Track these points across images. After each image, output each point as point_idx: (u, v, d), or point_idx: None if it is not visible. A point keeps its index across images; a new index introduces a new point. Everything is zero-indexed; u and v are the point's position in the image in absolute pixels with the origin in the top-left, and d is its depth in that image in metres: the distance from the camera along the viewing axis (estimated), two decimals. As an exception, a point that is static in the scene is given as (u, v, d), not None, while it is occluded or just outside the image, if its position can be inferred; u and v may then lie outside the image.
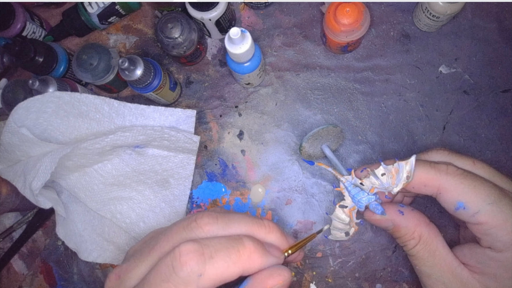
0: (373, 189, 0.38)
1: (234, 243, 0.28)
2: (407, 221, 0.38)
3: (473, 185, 0.34)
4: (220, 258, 0.27)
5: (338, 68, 0.52)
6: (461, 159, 0.38)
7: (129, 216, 0.51)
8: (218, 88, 0.54)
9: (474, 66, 0.50)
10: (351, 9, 0.44)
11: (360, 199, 0.39)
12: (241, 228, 0.31)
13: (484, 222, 0.34)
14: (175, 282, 0.27)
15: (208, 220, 0.30)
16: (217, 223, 0.30)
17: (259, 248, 0.29)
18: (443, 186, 0.35)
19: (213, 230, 0.30)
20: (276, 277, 0.29)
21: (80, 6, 0.52)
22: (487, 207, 0.33)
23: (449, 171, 0.35)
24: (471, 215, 0.34)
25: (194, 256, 0.27)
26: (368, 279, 0.49)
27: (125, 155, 0.51)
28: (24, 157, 0.48)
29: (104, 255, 0.51)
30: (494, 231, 0.34)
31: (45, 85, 0.46)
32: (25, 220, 0.55)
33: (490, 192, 0.34)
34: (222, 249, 0.28)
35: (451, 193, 0.35)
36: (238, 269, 0.28)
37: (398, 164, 0.37)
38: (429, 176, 0.36)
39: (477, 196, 0.34)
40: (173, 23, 0.47)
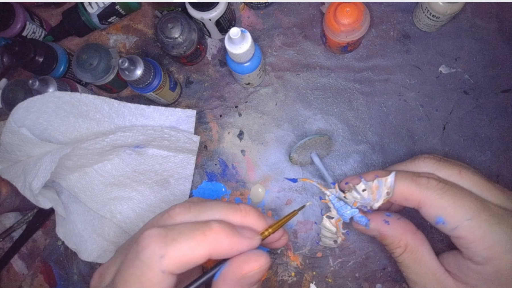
0: (356, 203, 0.39)
1: (199, 225, 0.28)
2: (393, 230, 0.38)
3: (453, 200, 0.34)
4: (183, 240, 0.27)
5: (338, 68, 0.52)
6: (447, 168, 0.38)
7: (129, 216, 0.51)
8: (218, 88, 0.54)
9: (474, 66, 0.50)
10: (351, 9, 0.44)
11: (344, 212, 0.40)
12: (215, 215, 0.31)
13: (462, 236, 0.34)
14: (138, 265, 0.26)
15: (180, 210, 0.30)
16: (190, 212, 0.30)
17: (227, 229, 0.28)
18: (423, 200, 0.35)
19: (185, 219, 0.30)
20: (252, 262, 0.29)
21: (80, 6, 0.52)
22: (466, 222, 0.34)
23: (430, 186, 0.35)
24: (450, 230, 0.35)
25: (156, 239, 0.27)
26: (368, 279, 0.49)
27: (125, 155, 0.51)
28: (24, 157, 0.48)
29: (104, 255, 0.51)
30: (472, 246, 0.34)
31: (45, 85, 0.46)
32: (25, 220, 0.55)
33: (470, 207, 0.34)
34: (186, 231, 0.27)
35: (431, 208, 0.35)
36: (204, 250, 0.27)
37: (378, 181, 0.37)
38: (409, 191, 0.36)
39: (456, 212, 0.34)
40: (173, 23, 0.47)
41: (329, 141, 0.48)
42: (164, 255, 0.26)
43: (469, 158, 0.49)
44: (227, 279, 0.29)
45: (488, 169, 0.49)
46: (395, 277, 0.48)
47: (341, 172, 0.51)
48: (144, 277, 0.26)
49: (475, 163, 0.49)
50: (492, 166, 0.49)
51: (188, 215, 0.30)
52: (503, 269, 0.33)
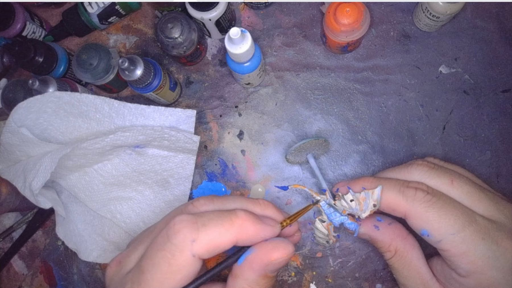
0: (344, 211, 0.40)
1: (227, 213, 0.30)
2: (383, 235, 0.39)
3: (438, 214, 0.35)
4: (212, 225, 0.28)
5: (338, 68, 0.52)
6: (439, 176, 0.38)
7: (129, 216, 0.51)
8: (218, 88, 0.54)
9: (474, 66, 0.50)
10: (351, 9, 0.44)
11: (334, 218, 0.41)
12: (236, 206, 0.32)
13: (446, 250, 0.35)
14: (169, 249, 0.27)
15: (204, 201, 0.32)
16: (213, 203, 0.32)
17: (252, 218, 0.30)
18: (409, 212, 0.36)
19: (209, 209, 0.32)
20: (281, 249, 0.30)
21: (80, 6, 0.52)
22: (450, 237, 0.34)
23: (416, 198, 0.36)
24: (435, 242, 0.35)
25: (188, 224, 0.28)
26: (368, 279, 0.49)
27: (125, 155, 0.51)
28: (24, 157, 0.48)
29: (104, 255, 0.51)
30: (455, 260, 0.35)
31: (45, 85, 0.46)
32: (25, 220, 0.55)
33: (455, 221, 0.34)
34: (215, 218, 0.29)
35: (416, 220, 0.36)
36: (231, 236, 0.29)
37: (365, 193, 0.38)
38: (396, 202, 0.37)
39: (441, 226, 0.35)
40: (173, 23, 0.47)
41: (325, 143, 0.48)
42: (196, 240, 0.27)
43: (469, 158, 0.49)
44: (253, 264, 0.30)
45: (488, 169, 0.49)
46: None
47: (341, 172, 0.51)
48: (174, 260, 0.27)
49: (475, 163, 0.49)
50: (492, 166, 0.49)
51: (212, 205, 0.32)
52: (485, 283, 0.34)
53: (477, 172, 0.49)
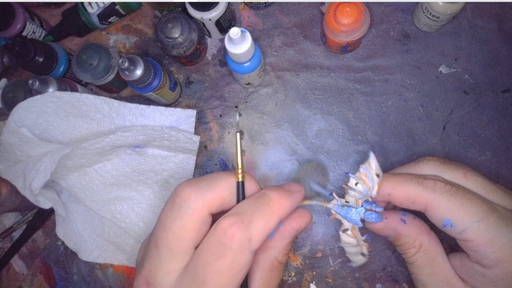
0: (358, 201, 0.38)
1: (262, 199, 0.30)
2: (409, 229, 0.37)
3: (460, 203, 0.34)
4: (258, 218, 0.29)
5: (338, 68, 0.52)
6: (452, 170, 0.37)
7: (129, 216, 0.51)
8: (218, 88, 0.54)
9: (474, 66, 0.50)
10: (351, 9, 0.44)
11: (351, 216, 0.38)
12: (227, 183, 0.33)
13: (471, 239, 0.34)
14: (230, 254, 0.28)
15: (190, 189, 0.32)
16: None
17: (283, 193, 0.31)
18: (430, 203, 0.35)
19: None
20: (306, 216, 0.34)
21: (80, 6, 0.52)
22: (474, 225, 0.33)
23: (437, 188, 0.35)
24: (458, 233, 0.34)
25: (237, 226, 0.28)
26: (368, 279, 0.49)
27: (125, 155, 0.51)
28: (24, 157, 0.48)
29: (104, 255, 0.51)
30: (481, 249, 0.34)
31: (45, 85, 0.46)
32: (25, 220, 0.55)
33: (478, 209, 0.34)
34: (256, 210, 0.29)
35: (438, 210, 0.35)
36: (276, 220, 0.30)
37: (363, 168, 0.37)
38: (416, 193, 0.36)
39: (464, 214, 0.34)
40: (173, 23, 0.47)
41: (321, 167, 0.47)
42: (251, 238, 0.28)
43: (469, 158, 0.49)
44: (285, 233, 0.33)
45: (488, 169, 0.49)
46: (395, 277, 0.48)
47: (341, 172, 0.51)
48: (236, 263, 0.28)
49: (475, 163, 0.49)
50: (492, 166, 0.49)
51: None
52: (511, 272, 0.33)
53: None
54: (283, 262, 0.34)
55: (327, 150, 0.51)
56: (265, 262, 0.33)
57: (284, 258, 0.34)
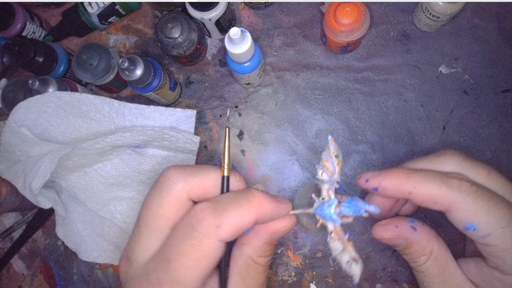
0: (329, 193, 0.34)
1: (243, 194, 0.30)
2: (420, 237, 0.35)
3: (487, 206, 0.32)
4: (233, 208, 0.29)
5: (338, 68, 0.52)
6: (476, 168, 0.35)
7: (129, 216, 0.51)
8: (218, 88, 0.54)
9: (474, 66, 0.50)
10: (351, 9, 0.44)
11: (325, 212, 0.33)
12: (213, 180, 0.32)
13: (494, 244, 0.33)
14: (195, 237, 0.28)
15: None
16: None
17: (268, 196, 0.31)
18: (455, 204, 0.33)
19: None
20: (287, 219, 0.32)
21: (80, 6, 0.52)
22: (499, 230, 0.32)
23: (462, 188, 0.33)
24: (482, 237, 0.33)
25: (209, 211, 0.28)
26: (368, 279, 0.49)
27: (125, 155, 0.51)
28: (24, 157, 0.48)
29: (104, 255, 0.51)
30: (503, 254, 0.32)
31: (45, 85, 0.46)
32: (25, 220, 0.54)
33: (505, 214, 0.32)
34: (233, 201, 0.29)
35: (463, 212, 0.33)
36: (252, 216, 0.29)
37: (324, 154, 0.35)
38: (440, 193, 0.33)
39: (490, 219, 0.32)
40: (173, 23, 0.47)
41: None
42: (220, 225, 0.28)
43: (469, 158, 0.49)
44: (260, 232, 0.32)
45: (488, 169, 0.49)
46: (395, 277, 0.48)
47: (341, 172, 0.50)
48: (202, 247, 0.28)
49: (475, 163, 0.49)
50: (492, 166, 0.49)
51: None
52: None
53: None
54: (261, 263, 0.32)
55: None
56: (239, 258, 0.32)
57: (261, 259, 0.32)
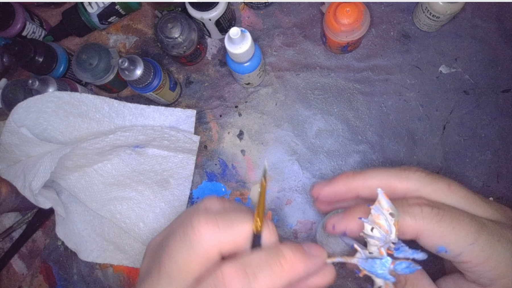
0: (380, 250, 0.32)
1: (274, 256, 0.28)
2: None
3: (452, 227, 0.33)
4: (263, 276, 0.27)
5: (338, 68, 0.52)
6: (437, 182, 0.36)
7: (129, 216, 0.51)
8: (218, 88, 0.54)
9: (474, 66, 0.50)
10: (351, 9, 0.44)
11: (377, 269, 0.32)
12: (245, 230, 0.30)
13: (468, 261, 0.33)
14: None
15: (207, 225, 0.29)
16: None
17: (299, 255, 0.29)
18: (422, 232, 0.33)
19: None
20: (318, 277, 0.30)
21: (80, 6, 0.52)
22: (469, 248, 0.32)
23: (425, 215, 0.33)
24: (454, 257, 0.33)
25: (238, 278, 0.26)
26: (368, 279, 0.49)
27: (125, 155, 0.51)
28: (24, 157, 0.48)
29: (104, 255, 0.51)
30: (477, 269, 0.33)
31: (45, 85, 0.46)
32: (25, 220, 0.54)
33: (469, 230, 0.33)
34: (263, 265, 0.27)
35: (431, 238, 0.33)
36: (283, 281, 0.28)
37: (374, 208, 0.32)
38: (404, 223, 0.33)
39: (458, 239, 0.33)
40: (173, 23, 0.47)
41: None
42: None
43: (469, 158, 0.49)
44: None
45: (488, 169, 0.49)
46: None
47: (341, 172, 0.51)
48: None
49: (475, 163, 0.49)
50: (492, 166, 0.49)
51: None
52: (510, 286, 0.33)
53: (477, 172, 0.49)
54: None
55: (327, 150, 0.51)
56: None
57: None
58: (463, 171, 0.49)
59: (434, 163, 0.49)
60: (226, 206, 0.31)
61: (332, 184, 0.37)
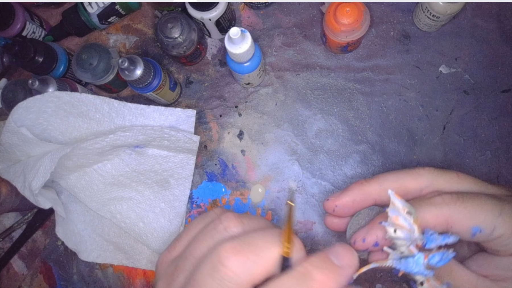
0: (410, 249, 0.33)
1: (304, 281, 0.26)
2: None
3: (476, 204, 0.33)
4: None
5: (338, 68, 0.52)
6: (446, 174, 0.36)
7: (129, 216, 0.51)
8: (218, 88, 0.54)
9: (474, 66, 0.50)
10: (351, 9, 0.44)
11: (413, 268, 0.33)
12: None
13: (502, 234, 0.33)
14: None
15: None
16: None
17: (329, 272, 0.27)
18: (450, 218, 0.33)
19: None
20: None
21: (80, 6, 0.52)
22: (499, 219, 0.32)
23: (447, 201, 0.33)
24: (489, 234, 0.33)
25: None
26: (368, 279, 0.49)
27: (125, 155, 0.51)
28: (24, 157, 0.48)
29: (104, 255, 0.51)
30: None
31: (45, 85, 0.46)
32: (25, 220, 0.54)
33: (493, 204, 0.33)
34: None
35: (462, 222, 0.33)
36: None
37: (390, 211, 0.33)
38: (433, 216, 0.33)
39: (486, 214, 0.32)
40: (173, 23, 0.47)
41: (375, 209, 0.39)
42: None
43: (469, 158, 0.49)
44: None
45: (488, 169, 0.49)
46: (395, 277, 0.48)
47: (341, 172, 0.51)
48: None
49: (475, 163, 0.49)
50: (492, 166, 0.49)
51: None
52: None
53: (477, 172, 0.49)
54: None
55: (327, 150, 0.51)
56: None
57: None
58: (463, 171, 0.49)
59: (434, 163, 0.49)
60: (246, 225, 0.29)
61: (349, 193, 0.37)
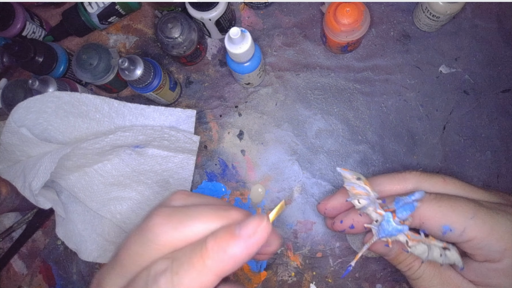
0: (378, 212, 0.35)
1: (197, 247, 0.25)
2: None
3: (450, 205, 0.34)
4: (185, 273, 0.25)
5: (338, 68, 0.52)
6: (432, 177, 0.38)
7: (129, 216, 0.51)
8: (218, 88, 0.54)
9: (474, 66, 0.50)
10: (351, 9, 0.44)
11: (389, 229, 0.34)
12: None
13: (473, 237, 0.34)
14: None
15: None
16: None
17: (222, 241, 0.25)
18: (424, 215, 0.35)
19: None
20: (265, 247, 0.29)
21: (80, 6, 0.52)
22: (471, 222, 0.34)
23: (424, 200, 0.35)
24: (459, 235, 0.34)
25: (165, 277, 0.25)
26: (368, 279, 0.49)
27: (125, 155, 0.51)
28: (24, 157, 0.48)
29: (104, 255, 0.51)
30: (484, 244, 0.34)
31: (45, 85, 0.46)
32: (25, 220, 0.54)
33: (468, 207, 0.34)
34: (186, 260, 0.25)
35: (433, 219, 0.35)
36: (210, 277, 0.25)
37: (346, 185, 0.36)
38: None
39: (458, 215, 0.34)
40: (173, 23, 0.47)
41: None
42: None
43: (469, 158, 0.49)
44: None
45: (488, 169, 0.49)
46: (395, 277, 0.48)
47: (341, 172, 0.51)
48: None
49: (475, 163, 0.49)
50: (492, 166, 0.49)
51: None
52: None
53: (477, 172, 0.49)
54: None
55: (327, 150, 0.51)
56: None
57: None
58: (463, 171, 0.49)
59: (434, 163, 0.49)
60: (192, 201, 0.30)
61: (337, 197, 0.40)
